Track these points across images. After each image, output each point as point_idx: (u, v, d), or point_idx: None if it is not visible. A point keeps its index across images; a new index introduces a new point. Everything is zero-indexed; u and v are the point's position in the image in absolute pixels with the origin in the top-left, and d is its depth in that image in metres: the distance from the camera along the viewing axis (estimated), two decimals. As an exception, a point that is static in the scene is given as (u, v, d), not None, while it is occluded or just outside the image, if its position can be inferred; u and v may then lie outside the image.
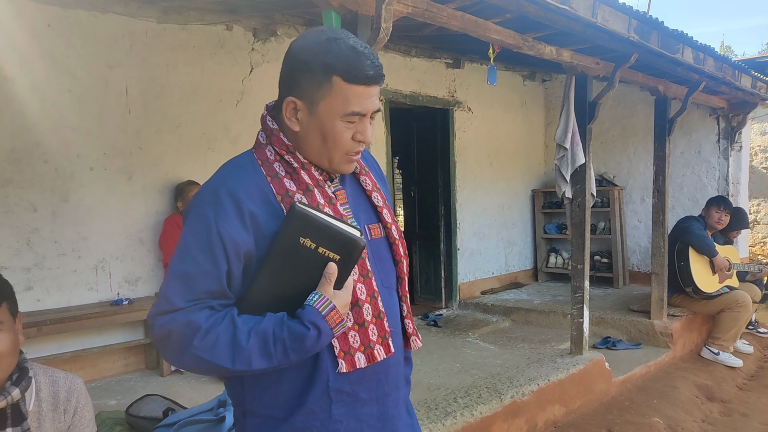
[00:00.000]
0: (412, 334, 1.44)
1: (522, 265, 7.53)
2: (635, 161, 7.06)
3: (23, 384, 1.47)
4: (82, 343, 3.95)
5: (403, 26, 3.13)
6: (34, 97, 3.80)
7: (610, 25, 3.22)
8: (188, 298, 1.14)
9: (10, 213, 3.74)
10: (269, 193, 1.21)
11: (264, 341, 1.13)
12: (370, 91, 1.22)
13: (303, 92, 1.22)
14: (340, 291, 1.18)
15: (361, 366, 1.25)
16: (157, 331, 1.15)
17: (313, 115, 1.22)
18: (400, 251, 1.39)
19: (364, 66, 1.19)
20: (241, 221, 1.16)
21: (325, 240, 1.15)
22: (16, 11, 3.70)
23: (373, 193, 1.38)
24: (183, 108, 4.46)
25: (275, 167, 1.25)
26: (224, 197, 1.17)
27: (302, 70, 1.22)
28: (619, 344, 5.12)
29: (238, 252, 1.16)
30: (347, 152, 1.25)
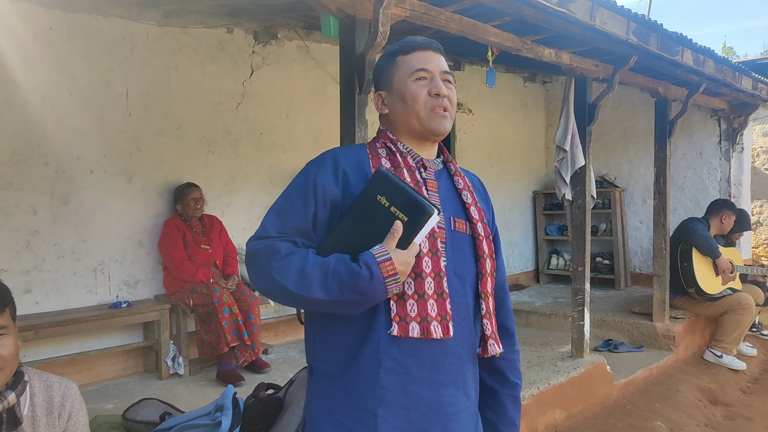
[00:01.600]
0: (489, 336, 1.43)
1: (523, 266, 7.51)
2: (636, 163, 7.04)
3: (19, 388, 1.47)
4: (80, 346, 3.95)
5: (401, 29, 3.12)
6: (36, 100, 3.80)
7: (609, 28, 3.21)
8: (279, 230, 1.33)
9: (10, 215, 3.74)
10: (366, 164, 1.41)
11: (324, 272, 1.23)
12: (428, 54, 1.45)
13: (382, 83, 1.50)
14: (402, 250, 1.25)
15: (414, 335, 1.28)
16: (249, 250, 1.34)
17: (392, 92, 1.46)
18: (483, 248, 1.44)
19: (415, 38, 1.47)
20: (334, 176, 1.37)
21: (398, 200, 1.26)
22: (19, 14, 3.71)
23: (463, 192, 1.49)
24: (183, 110, 4.47)
25: (379, 151, 1.45)
26: (327, 158, 1.41)
27: (377, 71, 1.52)
28: (621, 347, 5.10)
29: (325, 198, 1.34)
30: (430, 106, 1.41)
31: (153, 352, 4.16)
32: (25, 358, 3.67)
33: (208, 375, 4.09)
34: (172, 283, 4.17)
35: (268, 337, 4.84)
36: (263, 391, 3.16)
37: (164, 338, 4.06)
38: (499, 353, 1.45)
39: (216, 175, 4.67)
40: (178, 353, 4.09)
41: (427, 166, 1.46)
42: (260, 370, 4.10)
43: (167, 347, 4.07)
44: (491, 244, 1.48)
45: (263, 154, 4.93)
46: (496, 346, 1.44)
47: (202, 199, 4.30)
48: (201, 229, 4.34)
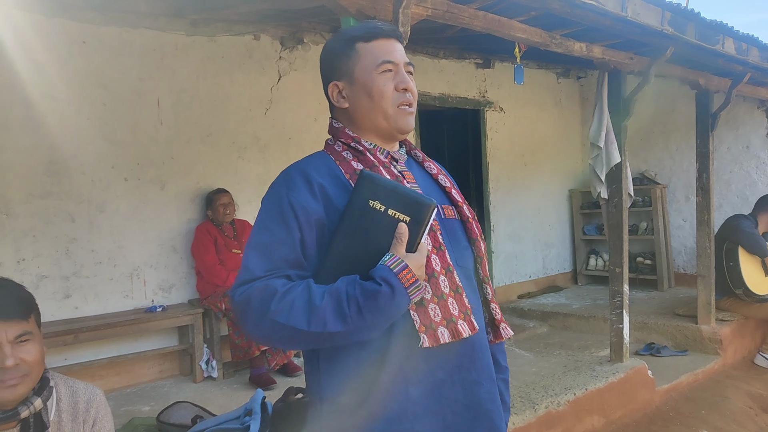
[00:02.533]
0: (500, 321, 1.40)
1: (560, 267, 7.35)
2: (678, 158, 6.80)
3: (45, 394, 1.50)
4: (118, 349, 4.03)
5: (426, 28, 3.08)
6: (71, 111, 3.91)
7: (642, 19, 3.09)
8: (266, 268, 1.18)
9: (50, 223, 3.86)
10: (338, 171, 1.29)
11: (338, 301, 1.12)
12: (392, 43, 1.33)
13: (339, 72, 1.35)
14: (413, 253, 1.17)
15: (445, 340, 1.20)
16: (237, 300, 1.17)
17: (354, 84, 1.33)
18: (474, 230, 1.39)
19: (377, 25, 1.35)
20: (310, 191, 1.22)
21: (394, 201, 1.17)
22: (54, 29, 3.83)
23: (439, 176, 1.42)
24: (213, 117, 4.52)
25: (343, 154, 1.33)
26: (295, 175, 1.26)
27: (331, 56, 1.37)
28: (663, 351, 4.92)
29: (309, 219, 1.21)
30: (398, 103, 1.32)
31: (187, 355, 4.22)
32: (65, 361, 3.78)
33: (241, 378, 4.13)
34: (205, 288, 4.22)
35: (301, 340, 4.85)
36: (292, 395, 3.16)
37: (198, 342, 4.11)
38: (512, 335, 1.43)
39: (246, 180, 4.71)
40: (212, 357, 4.14)
41: (396, 158, 1.38)
42: (292, 374, 4.11)
43: (201, 351, 4.12)
44: (479, 225, 1.43)
45: (292, 158, 4.86)
46: (508, 329, 1.42)
47: (231, 204, 4.34)
48: (232, 233, 4.39)
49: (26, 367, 1.40)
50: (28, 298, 1.48)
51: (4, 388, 1.36)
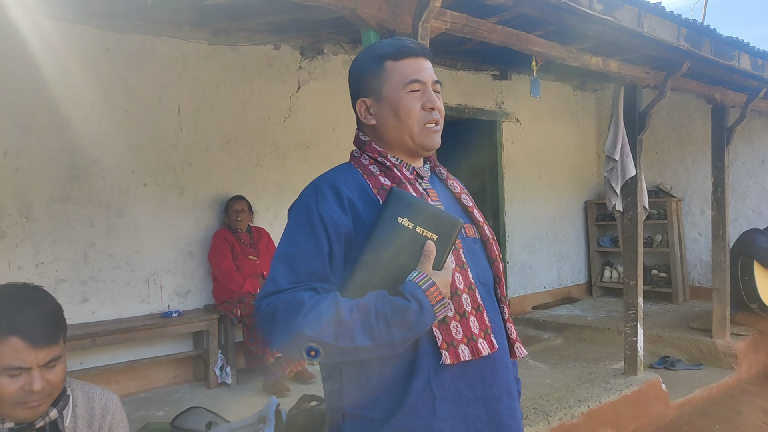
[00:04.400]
0: (515, 340, 1.42)
1: (575, 279, 7.32)
2: (693, 171, 6.77)
3: (61, 404, 1.50)
4: (134, 354, 4.08)
5: (444, 41, 3.11)
6: (93, 117, 3.98)
7: (658, 35, 3.11)
8: (293, 280, 1.18)
9: (69, 227, 3.92)
10: (366, 186, 1.30)
11: (366, 316, 1.12)
12: (420, 62, 1.34)
13: (367, 89, 1.37)
14: (440, 271, 1.18)
15: (465, 358, 1.22)
16: (263, 311, 1.17)
17: (381, 102, 1.34)
18: (494, 250, 1.40)
19: (406, 43, 1.35)
20: (340, 205, 1.23)
21: (422, 219, 1.18)
22: (77, 37, 3.90)
23: (461, 195, 1.43)
24: (232, 125, 4.59)
25: (370, 168, 1.34)
26: (324, 188, 1.26)
27: (360, 73, 1.39)
28: (678, 364, 4.89)
29: (338, 232, 1.21)
30: (424, 122, 1.33)
31: (202, 361, 4.26)
32: (82, 365, 3.82)
33: (255, 385, 4.15)
34: (221, 294, 4.27)
35: (315, 347, 4.87)
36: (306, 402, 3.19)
37: (213, 348, 4.15)
38: (526, 355, 1.44)
39: (264, 187, 4.76)
40: (226, 363, 4.18)
41: (421, 175, 1.39)
42: (306, 381, 4.13)
43: (215, 356, 4.15)
44: (498, 245, 1.44)
45: (310, 166, 4.99)
46: (522, 348, 1.44)
47: (244, 211, 4.39)
48: (249, 240, 4.43)
49: (51, 388, 1.40)
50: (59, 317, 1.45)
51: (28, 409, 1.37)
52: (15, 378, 1.32)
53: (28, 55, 3.64)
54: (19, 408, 1.35)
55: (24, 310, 1.35)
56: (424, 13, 2.56)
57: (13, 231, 3.72)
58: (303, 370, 4.16)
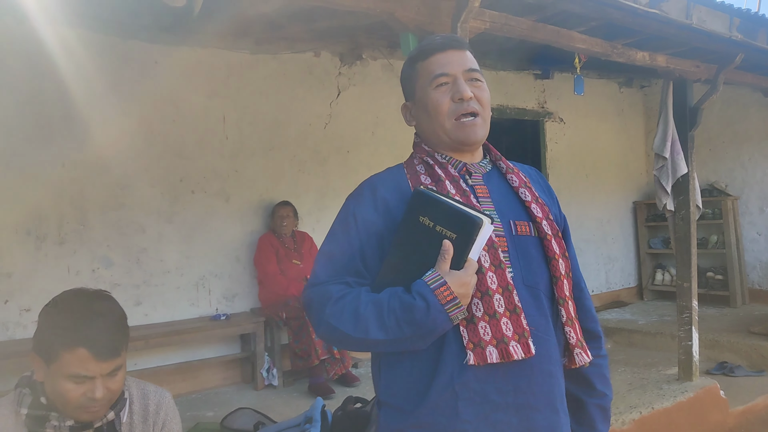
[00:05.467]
0: (575, 345, 1.31)
1: (625, 282, 7.12)
2: (750, 168, 6.49)
3: (118, 406, 1.54)
4: (184, 355, 4.18)
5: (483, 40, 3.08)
6: (143, 128, 4.13)
7: (708, 26, 3.00)
8: (330, 274, 1.27)
9: (123, 234, 4.06)
10: (405, 186, 1.32)
11: (379, 311, 1.17)
12: (448, 55, 1.33)
13: (407, 94, 1.42)
14: (458, 270, 1.16)
15: (493, 361, 1.18)
16: (303, 300, 1.30)
17: (417, 103, 1.38)
18: (552, 248, 1.31)
19: (431, 39, 1.37)
20: (373, 205, 1.30)
21: (442, 218, 1.18)
22: (128, 51, 4.06)
23: (520, 189, 1.37)
24: (275, 132, 4.67)
25: (417, 168, 1.36)
26: (364, 188, 1.35)
27: (402, 79, 1.45)
28: (737, 370, 4.69)
29: (368, 231, 1.28)
30: (454, 115, 1.31)
31: (249, 363, 4.33)
32: (136, 366, 3.94)
33: (301, 387, 4.20)
34: (267, 297, 4.34)
35: (359, 351, 4.89)
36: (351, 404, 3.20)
37: (259, 350, 4.21)
38: (588, 362, 1.33)
39: (306, 192, 4.82)
40: (273, 365, 4.23)
41: (472, 171, 1.36)
42: (350, 384, 4.15)
43: (262, 359, 4.22)
44: (561, 242, 1.34)
45: (350, 171, 5.03)
46: (584, 355, 1.32)
47: (289, 217, 4.45)
48: (293, 245, 4.49)
49: (111, 395, 1.45)
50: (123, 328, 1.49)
51: (88, 413, 1.43)
52: (79, 384, 1.38)
53: (83, 71, 3.77)
54: (81, 411, 1.41)
55: (94, 323, 1.40)
56: (463, 14, 2.55)
57: (72, 237, 3.88)
58: (347, 372, 4.18)
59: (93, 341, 1.37)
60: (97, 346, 1.38)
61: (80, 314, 1.40)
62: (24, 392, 1.45)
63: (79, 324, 1.38)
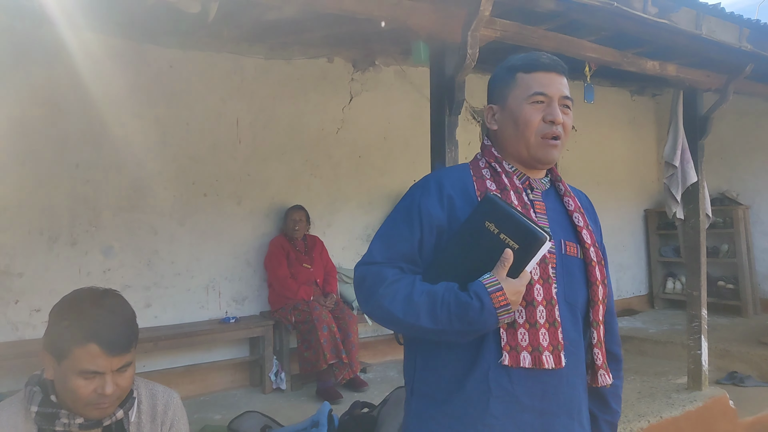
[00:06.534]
0: (600, 366, 1.39)
1: (635, 290, 7.09)
2: (762, 177, 6.46)
3: (127, 405, 1.56)
4: (193, 358, 4.21)
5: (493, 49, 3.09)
6: (157, 131, 4.18)
7: (718, 36, 3.01)
8: (385, 255, 1.34)
9: (134, 236, 4.11)
10: (470, 187, 1.38)
11: (432, 301, 1.23)
12: (551, 76, 1.38)
13: (496, 97, 1.44)
14: (513, 279, 1.22)
15: (525, 365, 1.26)
16: (356, 276, 1.36)
17: (505, 110, 1.41)
18: (595, 274, 1.39)
19: (539, 57, 1.40)
20: (439, 200, 1.35)
21: (507, 227, 1.23)
22: (143, 55, 4.12)
23: (574, 214, 1.44)
24: (288, 136, 4.71)
25: (483, 172, 1.41)
26: (431, 182, 1.39)
27: (494, 81, 1.47)
28: (747, 380, 4.66)
29: (431, 224, 1.33)
30: (541, 134, 1.36)
31: (258, 366, 4.36)
32: (144, 368, 3.97)
33: (309, 391, 4.22)
34: (276, 300, 4.37)
35: (367, 355, 4.91)
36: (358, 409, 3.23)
37: (268, 353, 4.24)
38: (609, 384, 1.41)
39: (318, 197, 4.86)
40: (281, 368, 4.26)
41: (534, 186, 1.42)
42: (358, 389, 4.16)
43: (271, 362, 4.25)
44: (603, 270, 1.42)
45: (362, 176, 5.07)
46: (607, 377, 1.41)
47: (302, 221, 4.48)
48: (304, 248, 4.53)
49: (121, 391, 1.47)
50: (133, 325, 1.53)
51: (98, 409, 1.45)
52: (89, 380, 1.40)
53: (98, 74, 3.84)
54: (91, 408, 1.43)
55: (104, 319, 1.43)
56: (474, 23, 2.56)
57: (84, 239, 3.93)
58: (356, 377, 4.20)
59: (103, 336, 1.40)
60: (108, 341, 1.40)
61: (91, 311, 1.43)
62: (34, 390, 1.47)
63: (89, 320, 1.41)
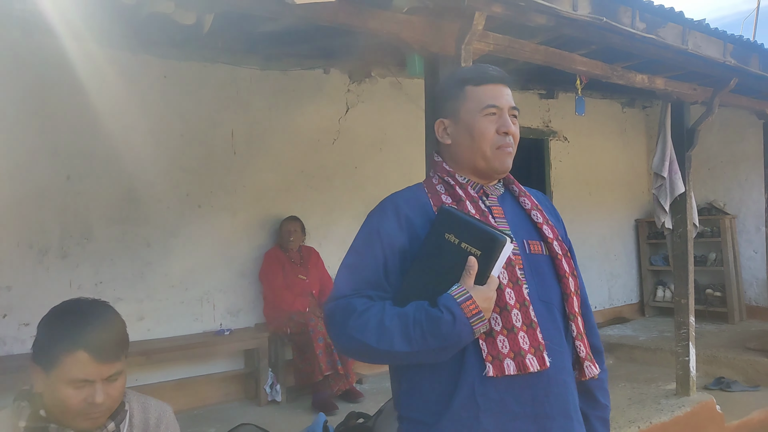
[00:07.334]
0: (584, 359, 1.39)
1: (627, 298, 7.17)
2: (747, 188, 6.58)
3: (119, 417, 1.54)
4: (187, 371, 4.16)
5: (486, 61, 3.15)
6: (151, 142, 4.12)
7: (703, 51, 3.09)
8: (351, 287, 1.32)
9: (127, 248, 4.07)
10: (427, 205, 1.39)
11: (404, 323, 1.22)
12: (499, 88, 1.42)
13: (447, 111, 1.46)
14: (481, 286, 1.22)
15: (510, 373, 1.24)
16: (326, 313, 1.34)
17: (458, 123, 1.42)
18: (563, 267, 1.40)
19: (487, 69, 1.44)
20: (397, 222, 1.35)
21: (467, 236, 1.24)
22: (137, 66, 4.07)
23: (532, 211, 1.46)
24: (283, 148, 4.72)
25: (437, 188, 1.43)
26: (387, 206, 1.40)
27: (442, 95, 1.49)
28: (734, 385, 4.75)
29: (393, 247, 1.33)
30: (497, 145, 1.39)
31: (253, 379, 4.33)
32: (137, 381, 3.90)
33: (304, 403, 4.19)
34: (271, 312, 4.37)
35: (363, 366, 4.88)
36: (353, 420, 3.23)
37: (263, 366, 4.22)
38: (597, 374, 1.41)
39: (313, 208, 4.86)
40: (276, 381, 4.24)
41: (489, 193, 1.45)
42: (354, 400, 4.15)
43: (266, 374, 4.23)
44: (570, 261, 1.44)
45: (357, 187, 5.09)
46: (593, 367, 1.41)
47: (296, 232, 4.49)
48: (299, 260, 4.54)
49: (111, 401, 1.46)
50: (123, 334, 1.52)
51: (89, 420, 1.43)
52: (79, 389, 1.39)
53: (90, 83, 3.73)
54: (81, 418, 1.42)
55: (93, 326, 1.42)
56: (467, 36, 2.62)
57: (75, 251, 3.88)
58: (351, 388, 4.20)
59: (92, 344, 1.39)
60: (97, 348, 1.39)
61: (79, 319, 1.42)
62: (22, 405, 1.45)
63: (78, 328, 1.40)
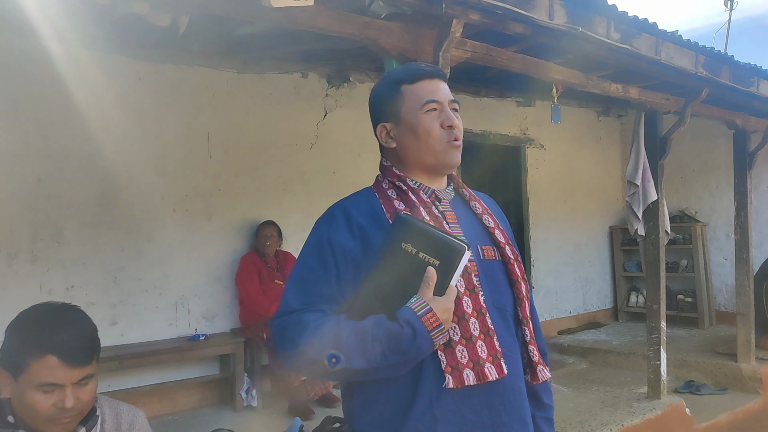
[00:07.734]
0: (537, 363, 1.38)
1: (601, 304, 7.27)
2: (718, 196, 6.73)
3: (90, 423, 1.52)
4: (161, 376, 4.12)
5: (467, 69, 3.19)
6: (125, 145, 4.06)
7: (676, 62, 3.17)
8: (302, 301, 1.25)
9: (100, 252, 4.01)
10: (379, 211, 1.33)
11: (362, 339, 1.15)
12: (436, 83, 1.38)
13: (386, 114, 1.40)
14: (440, 297, 1.18)
15: (470, 383, 1.21)
16: (274, 330, 1.26)
17: (400, 125, 1.38)
18: (516, 271, 1.37)
19: (419, 66, 1.41)
20: (349, 231, 1.28)
21: (425, 245, 1.19)
22: (110, 67, 4.01)
23: (483, 216, 1.42)
24: (260, 152, 4.69)
25: (388, 193, 1.37)
26: (337, 213, 1.33)
27: (379, 99, 1.43)
28: (703, 389, 4.84)
29: (345, 256, 1.26)
30: (445, 140, 1.35)
31: (228, 384, 4.30)
32: (109, 387, 3.86)
33: (281, 408, 4.18)
34: (247, 317, 4.34)
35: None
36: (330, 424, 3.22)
37: (239, 371, 4.19)
38: (549, 378, 1.41)
39: (290, 212, 4.84)
40: (252, 386, 4.21)
41: (441, 197, 1.40)
42: (331, 405, 4.15)
43: (242, 380, 4.19)
44: (521, 266, 1.41)
45: (335, 191, 5.02)
46: (546, 371, 1.40)
47: (273, 237, 4.47)
48: (276, 264, 4.51)
49: (82, 406, 1.43)
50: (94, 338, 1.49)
51: (58, 425, 1.40)
52: (49, 394, 1.36)
53: (63, 84, 3.69)
54: (51, 424, 1.39)
55: (62, 330, 1.39)
56: (445, 43, 2.65)
57: (45, 255, 3.81)
58: (327, 393, 4.19)
59: (62, 348, 1.36)
60: (66, 352, 1.37)
61: (48, 323, 1.39)
62: None
63: (47, 332, 1.37)
